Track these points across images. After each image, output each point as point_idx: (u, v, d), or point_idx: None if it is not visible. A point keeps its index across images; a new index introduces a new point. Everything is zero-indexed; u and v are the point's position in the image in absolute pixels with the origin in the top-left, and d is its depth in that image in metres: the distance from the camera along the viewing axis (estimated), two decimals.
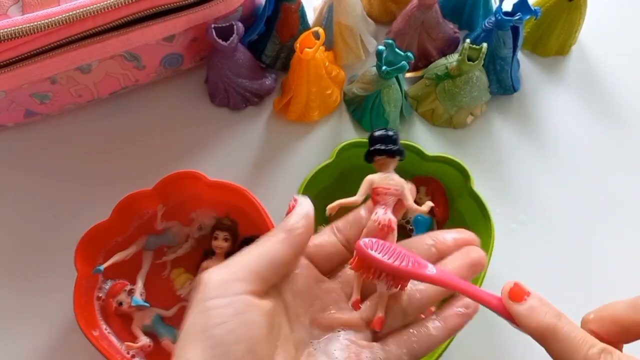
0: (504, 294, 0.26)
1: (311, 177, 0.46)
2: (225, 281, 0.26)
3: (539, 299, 0.26)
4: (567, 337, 0.24)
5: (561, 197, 0.53)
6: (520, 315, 0.25)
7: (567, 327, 0.25)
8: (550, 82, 0.58)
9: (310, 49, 0.48)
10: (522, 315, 0.25)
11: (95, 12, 0.43)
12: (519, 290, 0.26)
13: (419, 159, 0.48)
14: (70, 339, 0.47)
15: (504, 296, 0.26)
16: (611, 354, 0.24)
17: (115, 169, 0.52)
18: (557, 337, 0.24)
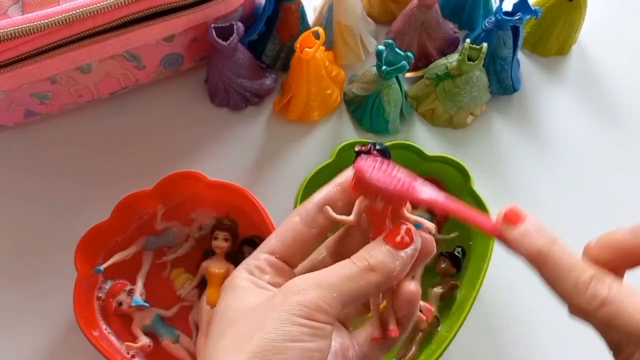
0: (499, 217, 0.26)
1: (311, 177, 0.46)
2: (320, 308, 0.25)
3: (534, 224, 0.25)
4: (558, 262, 0.24)
5: (561, 197, 0.53)
6: (513, 239, 0.25)
7: (560, 252, 0.24)
8: (550, 82, 0.58)
9: (310, 48, 0.48)
10: (515, 239, 0.25)
11: (95, 12, 0.43)
12: (514, 214, 0.25)
13: (419, 159, 0.48)
14: (70, 339, 0.47)
15: (499, 220, 0.26)
16: (602, 280, 0.24)
17: (115, 169, 0.52)
18: (549, 262, 0.24)
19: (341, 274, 0.26)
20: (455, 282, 0.46)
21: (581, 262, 0.24)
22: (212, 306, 0.45)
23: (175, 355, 0.46)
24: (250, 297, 0.27)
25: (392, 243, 0.27)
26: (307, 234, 0.30)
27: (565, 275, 0.24)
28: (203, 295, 0.46)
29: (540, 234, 0.25)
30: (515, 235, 0.25)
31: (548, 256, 0.24)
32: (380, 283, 0.26)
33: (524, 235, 0.25)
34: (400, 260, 0.27)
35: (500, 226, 0.25)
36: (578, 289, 0.23)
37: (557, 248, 0.24)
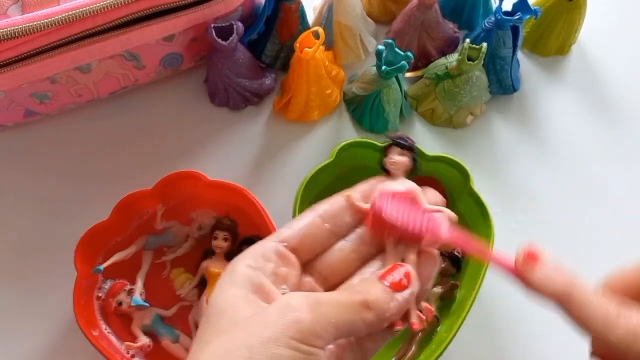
0: (518, 260, 0.26)
1: (311, 177, 0.46)
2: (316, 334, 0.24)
3: (552, 265, 0.26)
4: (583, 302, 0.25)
5: (561, 197, 0.53)
6: (535, 283, 0.25)
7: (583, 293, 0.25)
8: (550, 82, 0.58)
9: (310, 49, 0.48)
10: (537, 283, 0.25)
11: (95, 12, 0.43)
12: (533, 256, 0.26)
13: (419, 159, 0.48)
14: (70, 339, 0.47)
15: (519, 263, 0.26)
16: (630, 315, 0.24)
17: (115, 169, 0.52)
18: (574, 303, 0.25)
19: (339, 302, 0.26)
20: (455, 282, 0.46)
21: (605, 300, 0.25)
22: None
23: (175, 355, 0.46)
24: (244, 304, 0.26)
25: (389, 284, 0.27)
26: (320, 228, 0.29)
27: (593, 313, 0.24)
28: (203, 295, 0.46)
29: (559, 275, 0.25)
30: (538, 279, 0.25)
31: (572, 298, 0.25)
32: (374, 322, 0.26)
33: (545, 279, 0.25)
34: (396, 303, 0.26)
35: (522, 270, 0.26)
36: (610, 324, 0.24)
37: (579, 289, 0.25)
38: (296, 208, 0.45)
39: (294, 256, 0.29)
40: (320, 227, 0.30)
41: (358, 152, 0.48)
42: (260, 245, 0.29)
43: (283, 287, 0.28)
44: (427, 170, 0.48)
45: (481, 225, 0.45)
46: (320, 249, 0.30)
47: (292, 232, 0.29)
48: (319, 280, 0.30)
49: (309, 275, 0.30)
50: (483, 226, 0.45)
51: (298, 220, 0.30)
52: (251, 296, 0.26)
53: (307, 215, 0.30)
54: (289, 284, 0.28)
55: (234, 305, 0.26)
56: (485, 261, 0.27)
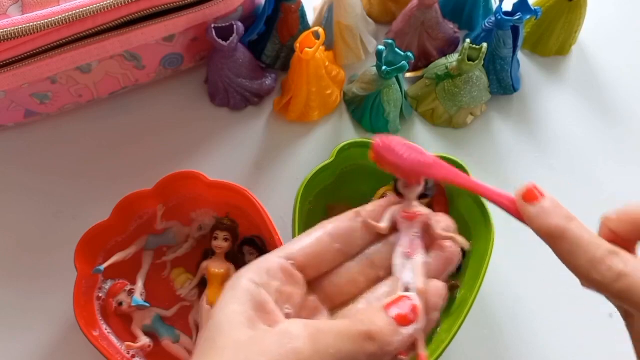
0: (517, 194, 0.26)
1: (311, 177, 0.46)
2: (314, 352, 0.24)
3: (552, 201, 0.26)
4: (575, 238, 0.25)
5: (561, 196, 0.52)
6: (531, 216, 0.25)
7: (577, 229, 0.25)
8: (550, 82, 0.58)
9: (310, 48, 0.48)
10: (533, 216, 0.25)
11: (95, 12, 0.43)
12: (533, 192, 0.26)
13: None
14: (70, 338, 0.47)
15: (518, 196, 0.26)
16: (619, 254, 0.24)
17: (115, 168, 0.52)
18: (565, 238, 0.25)
19: (340, 332, 0.25)
20: (455, 282, 0.46)
21: (597, 238, 0.25)
22: (212, 306, 0.45)
23: (175, 355, 0.46)
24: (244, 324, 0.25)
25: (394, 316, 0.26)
26: (329, 247, 0.29)
27: (582, 250, 0.24)
28: (203, 295, 0.46)
29: (557, 211, 0.25)
30: (534, 213, 0.25)
31: (565, 232, 0.25)
32: (376, 354, 0.25)
33: (542, 213, 0.25)
34: (400, 337, 0.25)
35: (519, 203, 0.26)
36: (594, 263, 0.24)
37: (575, 225, 0.25)
38: (296, 208, 0.45)
39: (300, 274, 0.28)
40: (329, 245, 0.29)
41: (358, 152, 0.48)
42: (266, 260, 0.28)
43: (286, 307, 0.27)
44: None
45: (481, 225, 0.45)
46: (327, 268, 0.29)
47: (299, 249, 0.28)
48: (324, 299, 0.29)
49: (314, 294, 0.29)
50: (483, 226, 0.45)
51: (306, 236, 0.29)
52: (251, 314, 0.26)
53: (315, 232, 0.29)
54: (292, 303, 0.27)
55: (233, 323, 0.25)
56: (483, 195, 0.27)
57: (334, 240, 0.29)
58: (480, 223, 0.46)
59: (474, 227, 0.47)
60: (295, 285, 0.28)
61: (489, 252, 0.44)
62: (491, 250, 0.44)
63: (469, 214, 0.47)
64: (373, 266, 0.29)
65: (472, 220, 0.47)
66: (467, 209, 0.47)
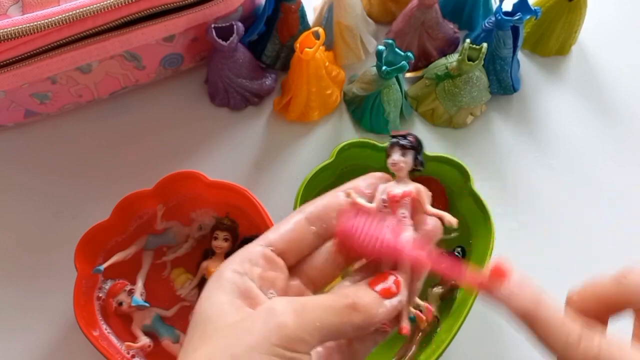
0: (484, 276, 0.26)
1: (311, 177, 0.46)
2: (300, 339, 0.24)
3: (518, 281, 0.26)
4: (545, 323, 0.25)
5: (561, 196, 0.53)
6: (502, 298, 0.26)
7: (547, 312, 0.25)
8: (550, 82, 0.58)
9: (310, 49, 0.48)
10: (504, 298, 0.26)
11: (95, 12, 0.43)
12: (499, 271, 0.26)
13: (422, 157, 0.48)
14: (70, 338, 0.47)
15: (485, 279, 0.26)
16: (591, 338, 0.24)
17: (115, 169, 0.52)
18: (537, 321, 0.25)
19: (326, 305, 0.25)
20: (455, 282, 0.46)
21: (568, 321, 0.25)
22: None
23: (175, 355, 0.46)
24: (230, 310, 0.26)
25: (379, 290, 0.27)
26: (306, 231, 0.29)
27: (554, 334, 0.25)
28: None
29: (524, 292, 0.25)
30: (504, 295, 0.26)
31: (535, 316, 0.25)
32: (361, 325, 0.26)
33: (511, 295, 0.25)
34: (384, 308, 0.26)
35: (490, 285, 0.26)
36: (570, 347, 0.24)
37: (543, 307, 0.25)
38: (296, 208, 0.45)
39: (281, 259, 0.29)
40: (306, 229, 0.29)
41: (358, 152, 0.48)
42: (247, 249, 0.29)
43: (270, 292, 0.27)
44: (427, 170, 0.48)
45: (481, 225, 0.45)
46: (306, 252, 0.29)
47: (278, 235, 0.29)
48: (307, 282, 0.29)
49: (297, 278, 0.29)
50: (483, 226, 0.45)
51: (284, 222, 0.29)
52: (237, 301, 0.26)
53: (293, 217, 0.30)
54: (276, 288, 0.28)
55: (219, 311, 0.26)
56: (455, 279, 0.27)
57: (311, 224, 0.29)
58: (480, 223, 0.46)
59: (474, 227, 0.47)
60: (277, 270, 0.28)
61: (489, 252, 0.44)
62: (491, 250, 0.44)
63: (469, 214, 0.47)
64: None
65: (472, 220, 0.47)
66: (467, 209, 0.47)
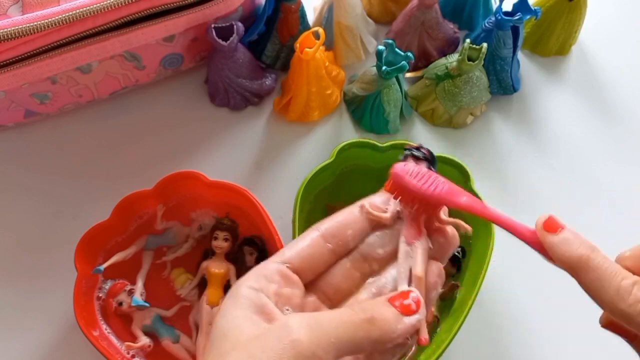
0: (538, 225, 0.26)
1: (311, 177, 0.46)
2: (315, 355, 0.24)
3: (572, 232, 0.25)
4: (599, 267, 0.24)
5: (561, 196, 0.53)
6: (553, 246, 0.25)
7: (601, 259, 0.25)
8: (550, 82, 0.58)
9: (310, 49, 0.48)
10: (556, 246, 0.25)
11: (95, 12, 0.43)
12: (554, 223, 0.26)
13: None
14: (70, 338, 0.47)
15: (538, 227, 0.26)
16: None
17: (115, 169, 0.52)
18: (590, 268, 0.24)
19: (342, 320, 0.25)
20: (455, 282, 0.46)
21: (622, 268, 0.25)
22: (212, 306, 0.45)
23: (175, 355, 0.46)
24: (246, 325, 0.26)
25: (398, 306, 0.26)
26: (322, 248, 0.29)
27: (607, 281, 0.24)
28: (203, 295, 0.46)
29: (580, 241, 0.25)
30: (556, 242, 0.25)
31: (589, 262, 0.24)
32: (378, 340, 0.25)
33: (564, 242, 0.25)
34: (403, 325, 0.26)
35: (540, 233, 0.26)
36: (621, 294, 0.24)
37: (598, 255, 0.25)
38: (296, 208, 0.45)
39: (297, 276, 0.29)
40: (322, 246, 0.29)
41: (358, 152, 0.48)
42: (263, 266, 0.29)
43: (286, 308, 0.27)
44: None
45: (481, 226, 0.45)
46: (322, 268, 0.29)
47: (294, 252, 0.29)
48: (323, 299, 0.29)
49: (313, 295, 0.29)
50: (483, 227, 0.45)
51: (300, 239, 0.30)
52: (254, 317, 0.26)
53: (309, 234, 0.30)
54: (292, 304, 0.28)
55: (235, 327, 0.26)
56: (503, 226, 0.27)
57: (327, 241, 0.29)
58: (480, 224, 0.46)
59: (473, 227, 0.46)
60: (293, 286, 0.28)
61: (489, 252, 0.44)
62: (491, 250, 0.44)
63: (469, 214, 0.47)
64: (366, 260, 0.30)
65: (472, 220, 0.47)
66: None
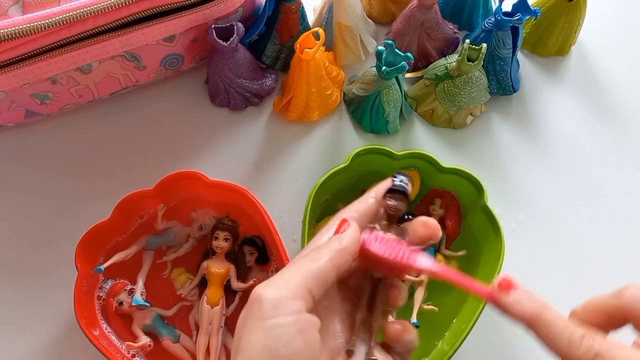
0: (494, 285, 0.28)
1: (324, 180, 0.46)
2: (283, 299, 0.26)
3: (524, 292, 0.27)
4: (551, 323, 0.26)
5: (560, 196, 0.53)
6: (508, 305, 0.27)
7: (550, 315, 0.26)
8: (549, 82, 0.58)
9: (310, 49, 0.48)
10: (510, 305, 0.27)
11: (96, 13, 0.43)
12: (507, 283, 0.28)
13: (434, 169, 0.47)
14: (70, 338, 0.47)
15: (494, 287, 0.28)
16: (592, 337, 0.26)
17: (116, 169, 0.53)
18: (542, 324, 0.26)
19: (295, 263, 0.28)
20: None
21: (571, 323, 0.26)
22: (212, 306, 0.45)
23: (175, 355, 0.46)
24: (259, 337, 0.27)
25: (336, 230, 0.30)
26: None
27: (559, 335, 0.26)
28: (203, 294, 0.46)
29: (531, 300, 0.27)
30: (510, 302, 0.27)
31: (541, 319, 0.26)
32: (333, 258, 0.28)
33: (517, 302, 0.27)
34: (340, 240, 0.29)
35: (496, 293, 0.28)
36: (572, 345, 0.25)
37: (548, 312, 0.27)
38: (307, 210, 0.45)
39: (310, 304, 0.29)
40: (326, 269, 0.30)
41: (374, 158, 0.47)
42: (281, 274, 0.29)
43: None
44: (443, 182, 0.48)
45: (491, 241, 0.45)
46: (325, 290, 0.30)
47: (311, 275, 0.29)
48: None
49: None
50: (493, 242, 0.45)
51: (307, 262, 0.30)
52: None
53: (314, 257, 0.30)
54: None
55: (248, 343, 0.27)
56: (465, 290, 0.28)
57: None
58: (490, 238, 0.45)
59: (483, 241, 0.47)
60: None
61: (497, 269, 0.44)
62: (500, 266, 0.44)
63: (480, 230, 0.47)
64: None
65: (481, 235, 0.47)
66: (478, 224, 0.47)
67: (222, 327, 0.46)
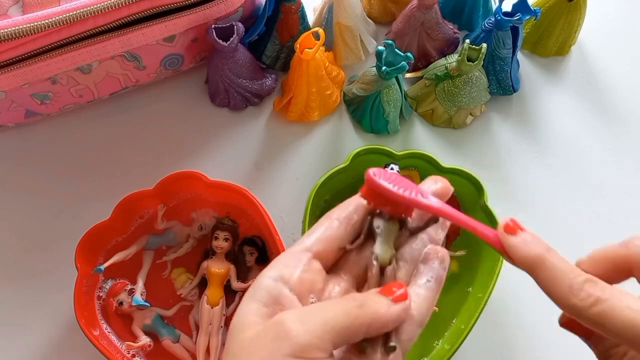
0: (499, 227, 0.27)
1: (324, 180, 0.46)
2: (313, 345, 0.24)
3: (531, 234, 0.27)
4: (554, 266, 0.26)
5: (560, 196, 0.53)
6: (512, 246, 0.27)
7: (556, 259, 0.26)
8: (549, 82, 0.58)
9: (310, 49, 0.48)
10: (515, 246, 0.27)
11: (96, 13, 0.43)
12: (514, 225, 0.27)
13: (434, 169, 0.47)
14: (70, 338, 0.47)
15: (500, 229, 0.27)
16: (595, 282, 0.25)
17: (116, 169, 0.53)
18: (545, 266, 0.26)
19: (333, 308, 0.26)
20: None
21: (575, 267, 0.26)
22: (212, 306, 0.45)
23: (175, 355, 0.46)
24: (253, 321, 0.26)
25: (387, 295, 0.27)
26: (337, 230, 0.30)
27: (560, 278, 0.25)
28: (203, 294, 0.46)
29: (537, 242, 0.26)
30: (515, 243, 0.26)
31: (545, 261, 0.26)
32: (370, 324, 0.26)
33: (522, 243, 0.26)
34: (392, 310, 0.27)
35: (501, 235, 0.27)
36: (573, 289, 0.25)
37: (554, 255, 0.26)
38: (307, 208, 0.45)
39: (318, 262, 0.29)
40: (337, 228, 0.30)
41: (374, 158, 0.47)
42: (283, 255, 0.29)
43: (311, 296, 0.28)
44: None
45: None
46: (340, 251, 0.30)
47: (314, 239, 0.29)
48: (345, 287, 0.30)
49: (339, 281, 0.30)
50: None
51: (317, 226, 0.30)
52: (263, 310, 0.26)
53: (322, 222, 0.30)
54: (315, 290, 0.28)
55: (242, 324, 0.26)
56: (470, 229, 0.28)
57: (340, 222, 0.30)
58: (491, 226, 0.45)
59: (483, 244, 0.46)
60: (314, 272, 0.29)
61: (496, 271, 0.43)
62: (499, 269, 0.44)
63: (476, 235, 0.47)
64: None
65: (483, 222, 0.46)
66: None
67: (222, 327, 0.46)
